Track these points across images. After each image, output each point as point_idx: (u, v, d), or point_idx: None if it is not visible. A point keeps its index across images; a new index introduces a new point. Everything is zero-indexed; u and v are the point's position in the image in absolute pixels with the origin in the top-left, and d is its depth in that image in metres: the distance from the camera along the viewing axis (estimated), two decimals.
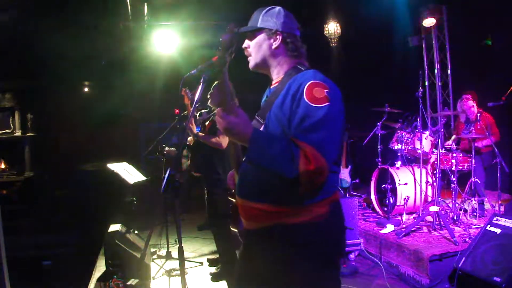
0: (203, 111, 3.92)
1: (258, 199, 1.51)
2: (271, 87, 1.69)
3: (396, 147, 4.94)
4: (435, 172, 4.50)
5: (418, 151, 4.69)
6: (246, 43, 1.65)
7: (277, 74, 1.65)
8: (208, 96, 3.56)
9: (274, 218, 1.48)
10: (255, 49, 1.63)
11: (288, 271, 1.47)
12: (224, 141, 3.34)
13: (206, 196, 3.61)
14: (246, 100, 3.01)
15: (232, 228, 1.68)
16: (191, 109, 3.19)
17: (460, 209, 4.41)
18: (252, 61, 1.65)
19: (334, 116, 1.42)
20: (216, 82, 3.47)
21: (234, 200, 1.64)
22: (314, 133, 1.37)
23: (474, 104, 4.83)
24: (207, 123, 3.60)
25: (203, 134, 3.47)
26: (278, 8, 1.64)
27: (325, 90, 1.44)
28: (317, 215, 1.47)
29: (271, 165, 1.39)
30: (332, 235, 1.53)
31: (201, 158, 3.61)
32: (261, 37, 1.61)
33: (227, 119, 1.37)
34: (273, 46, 1.61)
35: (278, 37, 1.60)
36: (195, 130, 3.42)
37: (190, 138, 4.11)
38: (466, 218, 4.41)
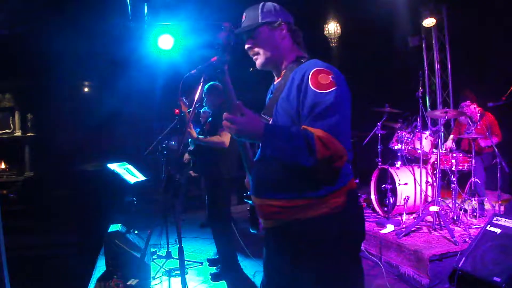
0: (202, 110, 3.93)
1: (274, 195, 1.50)
2: (275, 83, 1.68)
3: (396, 147, 4.94)
4: (435, 172, 4.50)
5: (418, 151, 4.69)
6: (250, 42, 1.61)
7: (281, 69, 1.64)
8: (204, 97, 3.56)
9: (292, 213, 1.47)
10: (263, 45, 1.59)
11: (311, 266, 1.46)
12: (226, 139, 3.33)
13: (207, 196, 3.61)
14: (244, 99, 3.00)
15: (252, 231, 1.68)
16: (190, 114, 3.19)
17: (460, 209, 4.41)
18: (261, 59, 1.61)
19: (342, 100, 1.42)
20: (209, 84, 3.49)
21: (250, 202, 1.64)
22: (326, 119, 1.37)
23: (475, 105, 4.83)
24: (205, 126, 3.61)
25: (203, 136, 3.47)
26: (268, 2, 1.64)
27: (330, 76, 1.44)
28: (335, 206, 1.45)
29: (288, 156, 1.37)
30: (352, 226, 1.50)
31: (204, 160, 3.60)
32: (265, 32, 1.59)
33: (237, 121, 1.35)
34: (281, 38, 1.60)
35: (283, 27, 1.60)
36: (195, 135, 3.42)
37: (186, 156, 4.12)
38: (466, 218, 4.40)
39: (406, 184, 4.64)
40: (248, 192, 1.68)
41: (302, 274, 1.48)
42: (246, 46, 1.63)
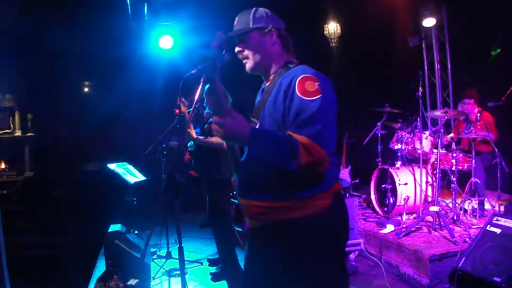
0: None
1: (259, 196, 1.52)
2: (264, 86, 1.70)
3: (396, 147, 4.95)
4: (435, 172, 4.50)
5: (418, 151, 4.69)
6: (240, 46, 1.64)
7: (270, 73, 1.67)
8: (205, 97, 3.56)
9: (277, 214, 1.49)
10: (253, 49, 1.63)
11: (295, 267, 1.48)
12: None
13: (207, 195, 3.61)
14: (242, 100, 3.01)
15: (237, 228, 1.70)
16: (189, 114, 3.19)
17: (460, 209, 4.42)
18: (250, 63, 1.65)
19: (327, 107, 1.45)
20: (207, 86, 3.49)
21: (236, 200, 1.66)
22: (310, 126, 1.40)
23: (476, 106, 4.85)
24: (205, 126, 3.60)
25: (203, 137, 3.47)
26: (261, 8, 1.67)
27: (317, 83, 1.47)
28: (321, 208, 1.48)
29: (273, 160, 1.41)
30: (337, 226, 1.54)
31: (204, 161, 3.60)
32: (256, 37, 1.62)
33: (225, 125, 1.38)
34: (271, 44, 1.63)
35: (273, 34, 1.63)
36: (195, 135, 3.42)
37: (186, 156, 4.11)
38: (466, 218, 4.41)
39: (406, 184, 4.64)
40: (235, 192, 1.70)
41: (287, 273, 1.50)
42: (236, 50, 1.66)
